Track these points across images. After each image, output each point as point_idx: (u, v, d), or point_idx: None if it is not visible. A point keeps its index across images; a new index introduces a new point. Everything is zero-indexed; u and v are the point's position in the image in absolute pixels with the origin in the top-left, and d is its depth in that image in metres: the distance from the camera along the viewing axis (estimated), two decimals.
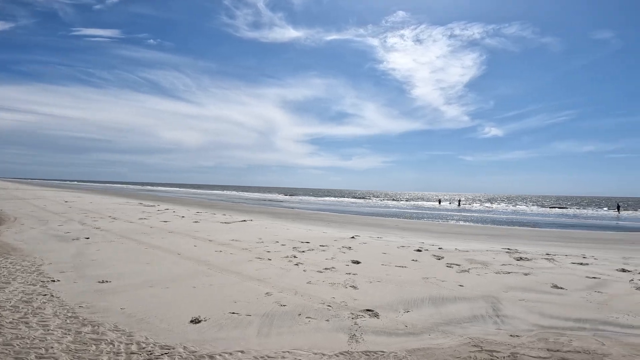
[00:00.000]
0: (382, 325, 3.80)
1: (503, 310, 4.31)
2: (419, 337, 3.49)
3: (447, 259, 7.64)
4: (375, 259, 7.49)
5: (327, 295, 4.82)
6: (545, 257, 7.84)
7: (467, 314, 4.15)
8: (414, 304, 4.51)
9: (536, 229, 19.03)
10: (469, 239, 12.21)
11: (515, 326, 3.79)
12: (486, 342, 3.37)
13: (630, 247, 10.70)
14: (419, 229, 16.24)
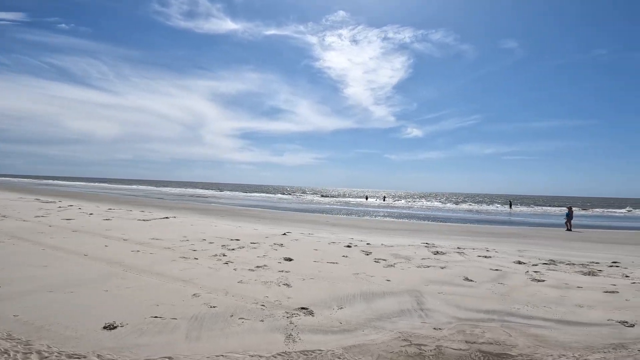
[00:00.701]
0: (318, 323, 3.76)
1: (426, 303, 4.52)
2: (354, 334, 3.52)
3: (375, 254, 8.01)
4: (308, 256, 7.51)
5: (261, 294, 4.68)
6: (457, 251, 8.71)
7: (396, 309, 4.29)
8: (346, 301, 4.54)
9: (448, 224, 21.15)
10: (393, 234, 13.02)
11: (437, 319, 3.98)
12: (414, 336, 3.49)
13: (522, 240, 12.48)
14: (348, 225, 16.83)
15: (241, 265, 6.28)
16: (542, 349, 3.19)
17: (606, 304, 4.45)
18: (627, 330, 3.63)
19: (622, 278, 5.81)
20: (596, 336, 3.44)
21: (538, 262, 7.35)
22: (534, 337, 3.47)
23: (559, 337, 3.44)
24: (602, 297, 4.74)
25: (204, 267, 6.05)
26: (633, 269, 6.66)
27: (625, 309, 4.28)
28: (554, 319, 3.97)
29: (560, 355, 3.02)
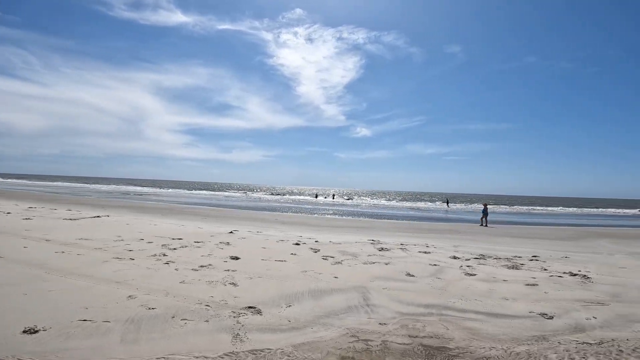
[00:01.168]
0: (266, 322, 3.74)
1: (372, 299, 4.62)
2: (303, 332, 3.51)
3: (323, 251, 8.09)
4: (255, 254, 7.36)
5: (205, 294, 4.50)
6: (400, 247, 9.12)
7: (343, 305, 4.34)
8: (295, 298, 4.53)
9: (393, 221, 22.12)
10: (341, 232, 13.27)
11: (382, 315, 4.08)
12: (361, 331, 3.55)
13: (458, 236, 13.44)
14: (298, 223, 16.82)
15: (183, 265, 5.96)
16: (476, 341, 3.38)
17: (528, 297, 4.87)
18: (547, 323, 3.92)
19: (540, 271, 6.48)
20: (521, 328, 3.72)
21: (470, 256, 7.96)
22: (468, 330, 3.66)
23: (489, 330, 3.67)
24: (524, 290, 5.20)
25: (141, 267, 5.64)
26: (550, 262, 7.48)
27: (544, 301, 4.68)
28: (484, 311, 4.27)
29: (491, 348, 3.22)
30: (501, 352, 3.13)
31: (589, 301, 4.57)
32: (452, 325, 3.80)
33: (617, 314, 4.07)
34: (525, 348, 3.18)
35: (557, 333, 3.54)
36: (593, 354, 2.98)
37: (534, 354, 3.05)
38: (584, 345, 3.20)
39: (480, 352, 3.15)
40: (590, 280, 5.65)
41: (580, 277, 5.91)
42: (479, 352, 3.15)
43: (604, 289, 5.20)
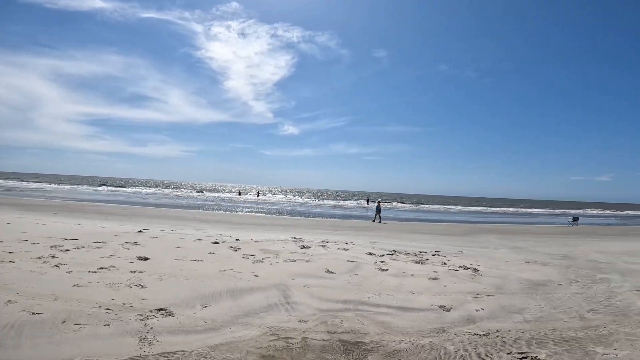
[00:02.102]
0: (179, 323, 3.55)
1: (292, 297, 4.63)
2: (220, 332, 3.42)
3: (244, 250, 7.86)
4: (168, 254, 6.83)
5: (105, 297, 4.10)
6: (321, 244, 9.34)
7: (263, 304, 4.30)
8: (212, 299, 4.38)
9: (316, 219, 22.61)
10: (264, 230, 13.08)
11: (302, 312, 4.10)
12: (282, 329, 3.55)
13: (374, 233, 14.30)
14: (219, 221, 16.12)
15: (78, 267, 5.25)
16: (388, 335, 3.57)
17: (430, 290, 5.33)
18: (446, 315, 4.21)
19: (441, 265, 7.22)
20: (425, 321, 4.03)
21: (384, 252, 8.51)
22: (381, 324, 3.85)
23: (399, 323, 3.91)
24: (427, 284, 5.69)
25: (23, 270, 4.85)
26: (450, 257, 8.39)
27: (444, 294, 5.09)
28: (395, 305, 4.56)
29: (401, 341, 3.43)
30: (409, 344, 3.34)
31: (479, 293, 5.18)
32: (367, 320, 3.96)
33: (501, 305, 4.63)
34: (429, 340, 3.45)
35: (453, 325, 3.90)
36: (482, 344, 3.34)
37: (436, 345, 3.33)
38: (475, 336, 3.57)
39: (391, 345, 3.33)
40: (479, 274, 6.47)
41: (472, 270, 6.73)
42: (390, 345, 3.32)
43: (490, 281, 5.95)
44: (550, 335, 3.50)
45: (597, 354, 3.01)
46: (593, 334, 3.48)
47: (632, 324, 3.76)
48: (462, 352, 3.16)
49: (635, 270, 6.82)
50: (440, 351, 3.20)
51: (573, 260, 8.18)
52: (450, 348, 3.25)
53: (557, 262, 7.78)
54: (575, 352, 3.07)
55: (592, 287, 5.48)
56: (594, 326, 3.73)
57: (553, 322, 3.91)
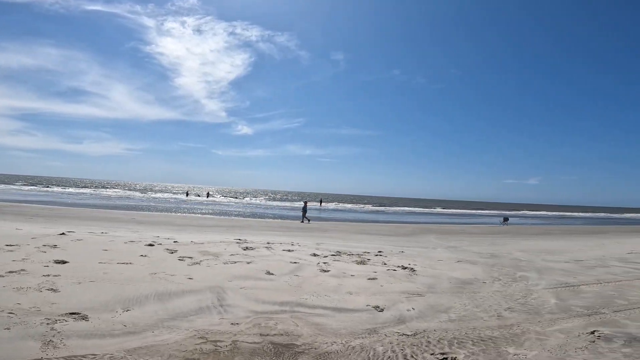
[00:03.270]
0: (93, 327, 3.41)
1: (227, 299, 4.51)
2: (141, 335, 3.30)
3: (181, 252, 7.46)
4: (92, 257, 6.27)
5: (9, 301, 3.81)
6: (266, 246, 9.15)
7: (194, 307, 4.16)
8: (136, 302, 4.18)
9: (266, 220, 22.28)
10: (208, 231, 12.56)
11: (235, 314, 4.01)
12: (211, 332, 3.44)
13: (322, 234, 14.38)
14: (159, 222, 15.21)
15: None
16: (321, 336, 3.54)
17: (367, 290, 5.40)
18: (379, 315, 4.25)
19: (381, 265, 7.40)
20: (358, 322, 4.05)
21: (328, 253, 8.56)
22: (315, 326, 3.82)
23: (333, 325, 3.90)
24: (365, 284, 5.78)
25: None
26: (391, 257, 8.65)
27: (379, 294, 5.12)
28: (330, 307, 4.55)
29: (333, 342, 3.41)
30: (340, 346, 3.34)
31: (412, 293, 5.35)
32: (301, 322, 3.92)
33: (430, 305, 4.80)
34: (360, 342, 3.46)
35: (385, 325, 3.96)
36: (409, 345, 3.43)
37: (366, 347, 3.35)
38: (404, 337, 3.65)
39: (323, 347, 3.30)
40: (415, 273, 6.73)
41: (409, 270, 6.99)
42: (322, 347, 3.30)
43: (424, 280, 6.19)
44: (470, 334, 3.68)
45: (509, 354, 3.18)
46: (507, 333, 3.70)
47: (543, 322, 4.05)
48: (389, 354, 3.21)
49: (551, 268, 7.53)
50: (369, 352, 3.23)
51: (498, 258, 8.85)
52: (379, 349, 3.30)
53: (484, 261, 8.37)
54: (490, 352, 3.23)
55: (512, 285, 5.92)
56: (509, 325, 3.96)
57: (474, 321, 4.12)
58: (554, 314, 4.33)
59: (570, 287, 5.77)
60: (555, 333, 3.66)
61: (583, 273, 6.97)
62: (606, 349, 3.21)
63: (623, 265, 7.76)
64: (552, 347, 3.28)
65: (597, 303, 4.81)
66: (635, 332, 3.61)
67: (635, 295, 5.20)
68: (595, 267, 7.61)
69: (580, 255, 9.52)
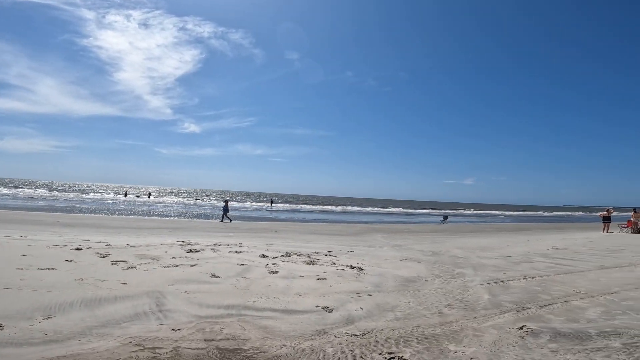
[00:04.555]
0: (9, 336, 3.20)
1: (167, 304, 4.29)
2: (65, 344, 3.11)
3: (114, 256, 6.85)
4: (7, 263, 5.57)
5: None
6: (212, 248, 8.75)
7: (129, 313, 3.93)
8: (59, 309, 3.90)
9: (212, 221, 21.41)
10: (147, 233, 11.72)
11: (177, 320, 3.84)
12: (148, 339, 3.27)
13: (272, 234, 14.16)
14: (91, 225, 13.90)
15: None
16: (269, 340, 3.44)
17: (316, 291, 5.37)
18: (328, 316, 4.22)
19: (331, 265, 7.43)
20: (308, 323, 3.99)
21: (278, 254, 8.41)
22: (264, 329, 3.71)
23: (282, 327, 3.81)
24: (315, 285, 5.74)
25: None
26: (340, 256, 8.74)
27: (329, 295, 5.09)
28: (279, 309, 4.45)
29: (282, 346, 3.33)
30: (290, 349, 3.26)
31: (360, 292, 5.41)
32: (249, 326, 3.80)
33: (377, 304, 4.86)
34: (310, 344, 3.41)
35: (334, 326, 3.94)
36: (358, 345, 3.43)
37: (316, 349, 3.30)
38: (353, 337, 3.65)
39: (272, 351, 3.22)
40: (363, 272, 6.85)
41: (357, 269, 7.10)
42: (271, 351, 3.21)
43: (371, 279, 6.30)
44: (415, 332, 3.79)
45: (450, 351, 3.31)
46: (448, 330, 3.86)
47: (478, 318, 4.29)
48: (339, 355, 3.19)
49: (484, 265, 8.12)
50: (320, 354, 3.19)
51: (439, 256, 9.36)
52: (329, 351, 3.27)
53: (427, 259, 8.80)
54: (434, 350, 3.34)
55: (451, 282, 6.25)
56: (449, 322, 4.15)
57: (418, 319, 4.26)
58: (487, 310, 4.61)
59: (501, 282, 6.25)
60: (489, 329, 3.89)
61: (511, 269, 7.60)
62: (534, 345, 3.44)
63: (545, 261, 8.62)
64: (487, 344, 3.47)
65: (524, 298, 5.21)
66: (559, 327, 3.94)
67: (557, 290, 5.74)
68: (521, 263, 8.35)
69: (508, 252, 10.42)
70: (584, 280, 6.38)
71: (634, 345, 3.35)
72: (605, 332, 3.73)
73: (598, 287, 5.87)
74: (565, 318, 4.25)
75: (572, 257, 9.33)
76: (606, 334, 3.70)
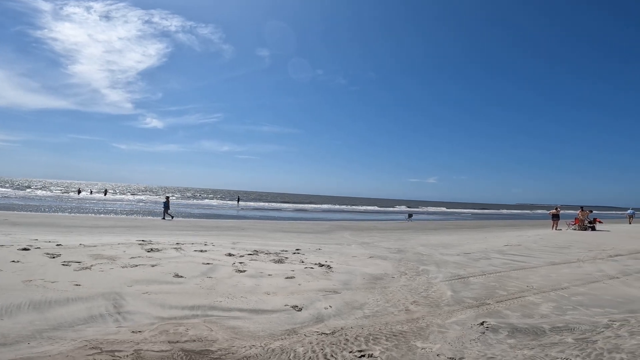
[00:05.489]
0: None
1: (126, 306, 4.12)
2: (13, 347, 2.98)
3: (66, 256, 6.40)
4: None
5: None
6: (175, 247, 8.41)
7: (83, 315, 3.77)
8: (5, 312, 3.72)
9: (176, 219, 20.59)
10: (104, 232, 11.04)
11: (137, 321, 3.69)
12: (106, 342, 3.15)
13: (239, 232, 13.86)
14: (41, 224, 12.91)
15: None
16: (238, 340, 3.36)
17: (285, 290, 5.31)
18: (297, 315, 4.18)
19: (299, 264, 7.39)
20: (277, 323, 3.93)
21: (245, 253, 8.23)
22: (232, 330, 3.63)
23: (250, 327, 3.73)
24: (283, 283, 5.68)
25: None
26: (308, 254, 8.71)
27: (297, 294, 5.06)
28: (247, 308, 4.35)
29: (251, 346, 3.25)
30: (260, 349, 3.20)
31: (328, 290, 5.41)
32: (216, 326, 3.71)
33: (345, 302, 4.87)
34: (280, 343, 3.35)
35: (304, 325, 3.90)
36: (328, 344, 3.42)
37: (286, 348, 3.25)
38: (323, 336, 3.63)
39: (241, 352, 3.14)
40: (332, 270, 6.87)
41: (325, 267, 7.11)
42: (240, 352, 3.14)
43: (339, 277, 6.34)
44: (383, 330, 3.83)
45: (418, 348, 3.38)
46: (415, 327, 3.94)
47: (443, 315, 4.42)
48: (310, 354, 3.16)
49: (447, 261, 8.44)
50: (290, 354, 3.15)
51: (405, 253, 9.61)
52: (299, 350, 3.23)
53: (393, 256, 9.00)
54: (402, 347, 3.40)
55: (416, 279, 6.43)
56: (416, 318, 4.25)
57: (386, 316, 4.32)
58: (450, 306, 4.77)
59: (462, 279, 6.51)
60: (453, 325, 4.02)
61: (471, 265, 7.96)
62: (494, 340, 3.59)
63: (501, 257, 9.11)
64: (451, 340, 3.58)
65: (483, 294, 5.44)
66: (516, 323, 4.14)
67: (512, 285, 6.06)
68: (480, 260, 8.76)
69: (468, 249, 10.90)
70: (536, 276, 6.80)
71: (585, 341, 3.57)
72: (557, 328, 3.96)
73: (549, 282, 6.27)
74: (521, 313, 4.48)
75: (525, 253, 9.93)
76: (559, 329, 3.92)
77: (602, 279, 6.62)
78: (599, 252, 10.44)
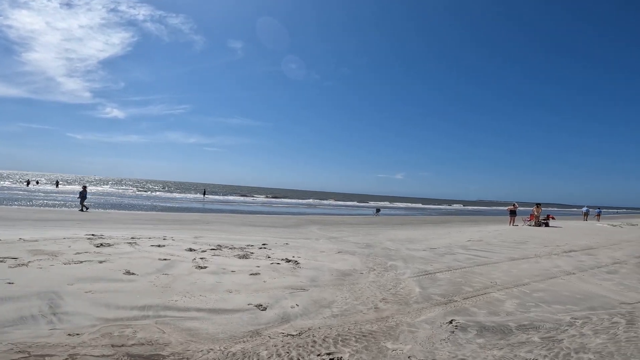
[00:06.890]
0: None
1: (64, 306, 3.77)
2: None
3: (1, 252, 5.69)
4: None
5: None
6: (129, 242, 7.79)
7: (12, 317, 3.45)
8: None
9: (134, 212, 19.44)
10: (50, 226, 10.10)
11: (75, 323, 3.38)
12: (36, 346, 2.89)
13: (203, 226, 13.25)
14: None
15: None
16: (194, 344, 3.10)
17: (249, 287, 5.00)
18: (262, 315, 3.94)
19: (265, 259, 7.06)
20: (239, 324, 3.63)
21: (207, 247, 7.78)
22: (187, 332, 3.35)
23: (209, 329, 3.44)
24: (247, 280, 5.36)
25: None
26: (275, 249, 8.39)
27: (262, 291, 4.80)
28: (206, 308, 4.03)
29: (209, 350, 2.99)
30: (219, 353, 2.95)
31: (295, 287, 5.17)
32: (169, 328, 3.39)
33: (313, 300, 4.59)
34: (241, 346, 3.10)
35: (268, 326, 3.64)
36: (295, 346, 3.18)
37: (249, 352, 3.00)
38: (289, 337, 3.39)
39: (197, 356, 2.88)
40: (299, 266, 6.62)
41: (292, 263, 6.85)
42: (196, 356, 2.88)
43: (307, 273, 6.10)
44: (352, 330, 3.64)
45: (388, 349, 3.21)
46: (385, 327, 3.78)
47: (412, 313, 4.30)
48: (275, 358, 2.93)
49: (414, 257, 8.46)
50: (253, 358, 2.90)
51: (373, 248, 9.56)
52: (263, 354, 2.98)
53: (361, 251, 8.91)
54: (372, 348, 3.22)
55: (384, 275, 6.32)
56: (385, 317, 4.09)
57: (355, 314, 4.14)
58: (419, 304, 4.68)
59: (429, 275, 6.50)
60: (422, 324, 3.91)
61: (437, 260, 8.02)
62: (464, 340, 3.51)
63: (465, 253, 9.30)
64: (422, 340, 3.46)
65: (450, 290, 5.42)
66: (483, 321, 4.10)
67: (477, 281, 6.12)
68: (445, 255, 8.88)
69: (433, 244, 11.08)
70: (499, 272, 6.94)
71: (552, 340, 3.57)
72: (523, 326, 3.95)
73: (511, 278, 6.41)
74: (487, 311, 4.46)
75: (486, 249, 10.23)
76: (525, 327, 3.91)
77: (559, 274, 6.87)
78: (553, 247, 10.98)
